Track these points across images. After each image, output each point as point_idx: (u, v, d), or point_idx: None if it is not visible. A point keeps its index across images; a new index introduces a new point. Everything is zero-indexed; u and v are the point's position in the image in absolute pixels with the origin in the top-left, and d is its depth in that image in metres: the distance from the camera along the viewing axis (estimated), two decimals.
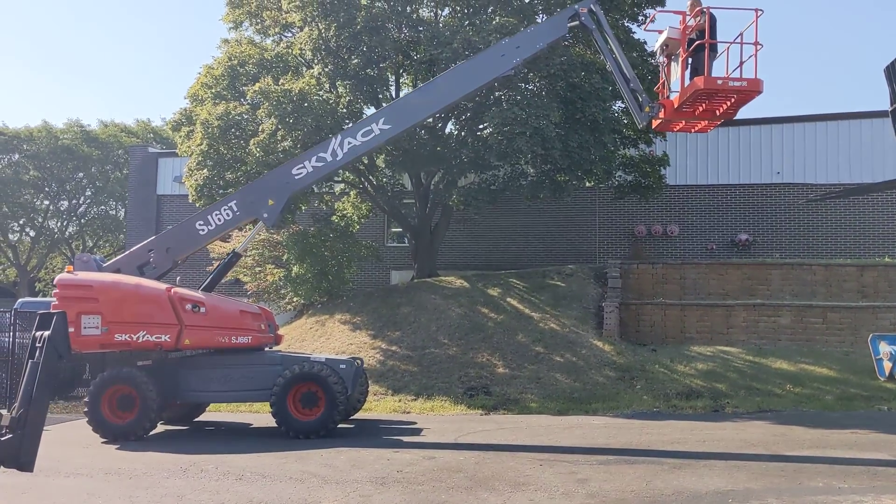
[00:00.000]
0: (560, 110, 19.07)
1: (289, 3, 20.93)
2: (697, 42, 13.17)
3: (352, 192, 25.35)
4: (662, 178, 24.02)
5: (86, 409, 13.54)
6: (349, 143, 14.97)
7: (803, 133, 28.16)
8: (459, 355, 19.06)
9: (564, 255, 27.70)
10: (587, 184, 23.01)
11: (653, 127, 15.28)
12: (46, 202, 47.22)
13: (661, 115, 14.20)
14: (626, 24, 22.02)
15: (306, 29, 20.91)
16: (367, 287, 26.48)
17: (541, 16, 21.24)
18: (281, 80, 20.41)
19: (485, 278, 23.12)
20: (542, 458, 11.01)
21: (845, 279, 21.89)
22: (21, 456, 7.33)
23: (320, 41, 20.49)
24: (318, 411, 13.32)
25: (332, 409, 13.25)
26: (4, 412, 7.68)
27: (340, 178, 24.38)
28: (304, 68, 21.83)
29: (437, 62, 19.34)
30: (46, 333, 7.65)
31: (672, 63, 14.01)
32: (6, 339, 18.04)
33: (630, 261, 23.95)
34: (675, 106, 13.76)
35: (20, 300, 25.64)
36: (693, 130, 15.43)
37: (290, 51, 22.36)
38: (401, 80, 23.28)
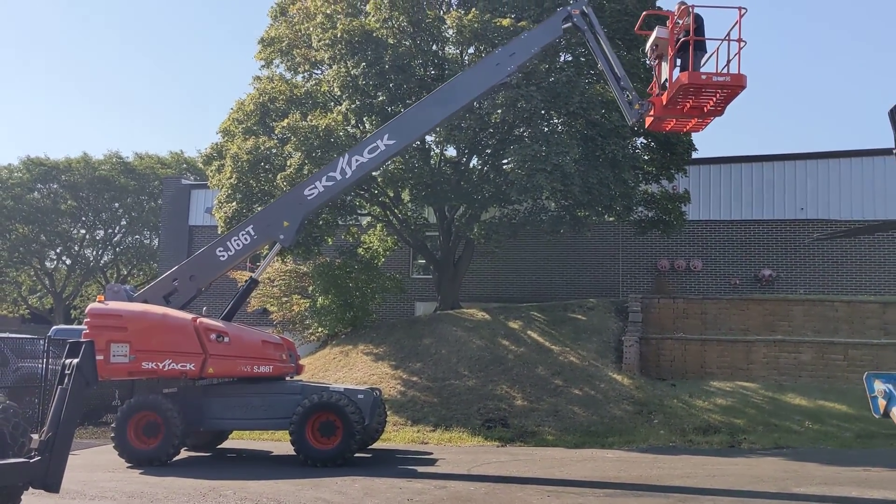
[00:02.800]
0: (580, 147, 19.42)
1: (318, 42, 21.59)
2: (682, 40, 13.45)
3: (378, 225, 25.83)
4: (683, 215, 24.20)
5: (112, 435, 14.02)
6: (357, 160, 15.44)
7: (827, 169, 28.22)
8: (479, 387, 19.31)
9: (588, 289, 27.85)
10: (608, 218, 23.26)
11: (646, 126, 15.54)
12: (83, 231, 48.39)
13: (652, 112, 14.44)
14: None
15: (335, 67, 21.53)
16: (392, 318, 26.87)
17: (564, 55, 21.73)
18: (309, 117, 21.03)
19: (506, 311, 23.39)
20: (550, 489, 11.25)
21: (868, 316, 21.84)
22: (48, 477, 7.73)
23: (348, 78, 21.08)
24: (335, 440, 13.68)
25: (349, 439, 13.60)
26: (35, 436, 8.13)
27: (367, 212, 24.91)
28: (333, 104, 22.43)
29: None
30: (75, 361, 8.09)
31: (662, 63, 14.26)
32: (39, 366, 18.58)
33: (651, 295, 24.09)
34: (664, 103, 14.00)
35: (54, 328, 26.34)
36: (685, 129, 15.67)
37: (319, 88, 23.01)
38: None
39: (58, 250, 48.39)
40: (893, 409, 7.37)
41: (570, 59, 21.36)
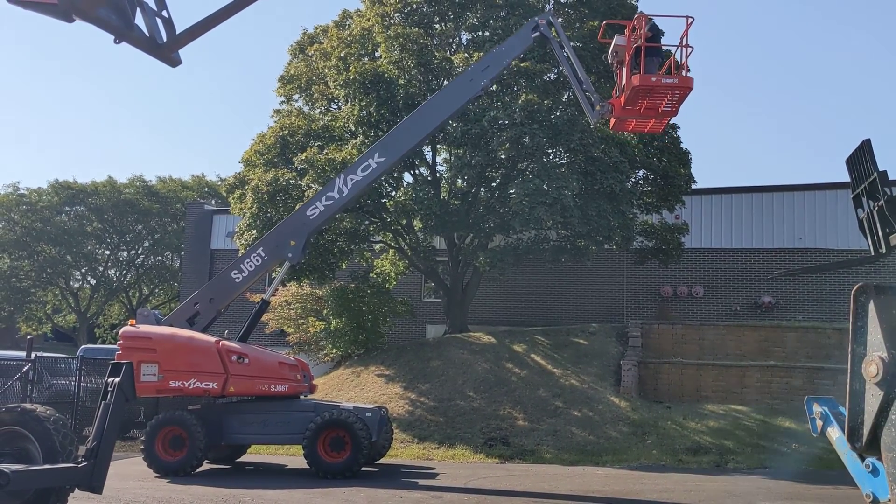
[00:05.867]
0: (579, 181, 20.58)
1: (334, 82, 22.95)
2: (635, 45, 14.60)
3: (390, 251, 27.06)
4: (681, 245, 25.28)
5: (142, 447, 15.29)
6: (352, 179, 16.76)
7: (825, 200, 29.23)
8: (483, 407, 20.39)
9: (593, 314, 28.89)
10: (607, 247, 24.34)
11: (611, 128, 16.78)
12: (107, 252, 49.97)
13: (612, 113, 15.59)
14: None
15: (350, 104, 22.85)
16: (405, 339, 28.07)
17: (566, 94, 22.95)
18: (326, 150, 22.35)
19: (512, 335, 24.46)
20: (535, 500, 12.36)
21: None
22: (93, 480, 8.93)
23: (362, 115, 22.38)
24: (344, 454, 14.84)
25: (357, 453, 14.76)
26: (83, 446, 9.34)
27: (380, 238, 26.16)
28: (349, 137, 23.70)
29: (467, 136, 21.14)
30: (117, 380, 9.32)
31: (622, 68, 15.40)
32: (72, 383, 19.90)
33: (651, 321, 25.11)
34: (622, 104, 15.18)
35: (83, 347, 27.64)
36: (645, 130, 16.87)
37: (335, 122, 24.33)
38: (436, 150, 25.07)
39: (83, 270, 49.98)
40: (829, 430, 8.38)
41: (571, 96, 22.56)
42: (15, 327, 51.58)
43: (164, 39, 8.34)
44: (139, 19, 8.05)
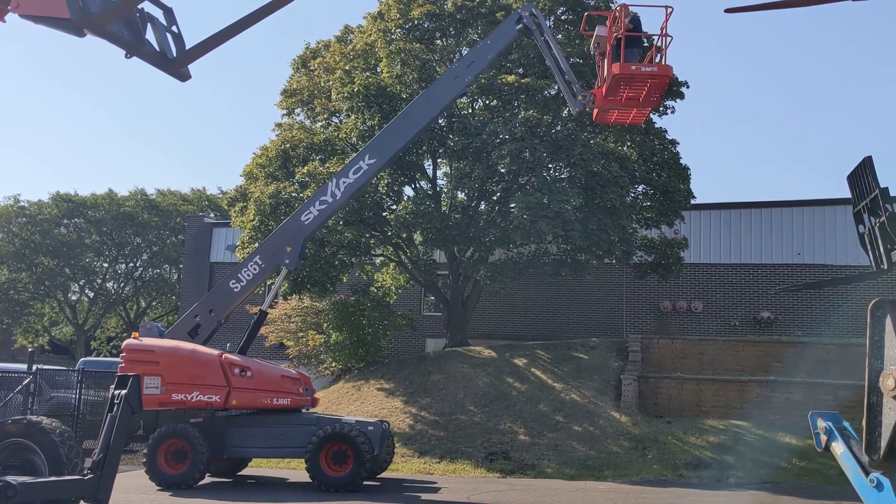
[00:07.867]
0: (580, 196, 20.66)
1: (337, 94, 23.06)
2: (615, 35, 14.63)
3: (391, 264, 27.09)
4: (681, 260, 25.35)
5: (144, 460, 15.27)
6: (344, 182, 16.86)
7: (823, 216, 29.34)
8: (484, 422, 20.37)
9: (592, 328, 28.93)
10: (608, 261, 24.41)
11: (594, 119, 16.86)
12: (105, 265, 49.97)
13: (595, 104, 15.63)
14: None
15: (352, 117, 22.96)
16: (404, 353, 28.07)
17: (566, 109, 23.06)
18: (327, 164, 22.42)
19: (512, 349, 24.48)
20: None
21: (858, 358, 22.61)
22: (99, 493, 8.94)
23: (364, 128, 22.48)
24: (347, 468, 14.85)
25: (360, 467, 14.77)
26: (87, 458, 9.36)
27: (380, 252, 26.20)
28: (350, 150, 23.78)
29: (468, 149, 21.24)
30: (123, 392, 9.35)
31: (604, 59, 15.40)
32: (73, 396, 19.87)
33: (651, 335, 25.12)
34: (604, 94, 15.20)
35: (82, 360, 27.62)
36: (628, 121, 16.85)
37: (337, 134, 24.41)
38: (436, 164, 25.15)
39: (81, 283, 49.98)
40: (833, 444, 8.40)
41: (571, 112, 22.66)
42: (12, 339, 51.51)
43: (175, 54, 8.42)
44: (150, 35, 8.13)
